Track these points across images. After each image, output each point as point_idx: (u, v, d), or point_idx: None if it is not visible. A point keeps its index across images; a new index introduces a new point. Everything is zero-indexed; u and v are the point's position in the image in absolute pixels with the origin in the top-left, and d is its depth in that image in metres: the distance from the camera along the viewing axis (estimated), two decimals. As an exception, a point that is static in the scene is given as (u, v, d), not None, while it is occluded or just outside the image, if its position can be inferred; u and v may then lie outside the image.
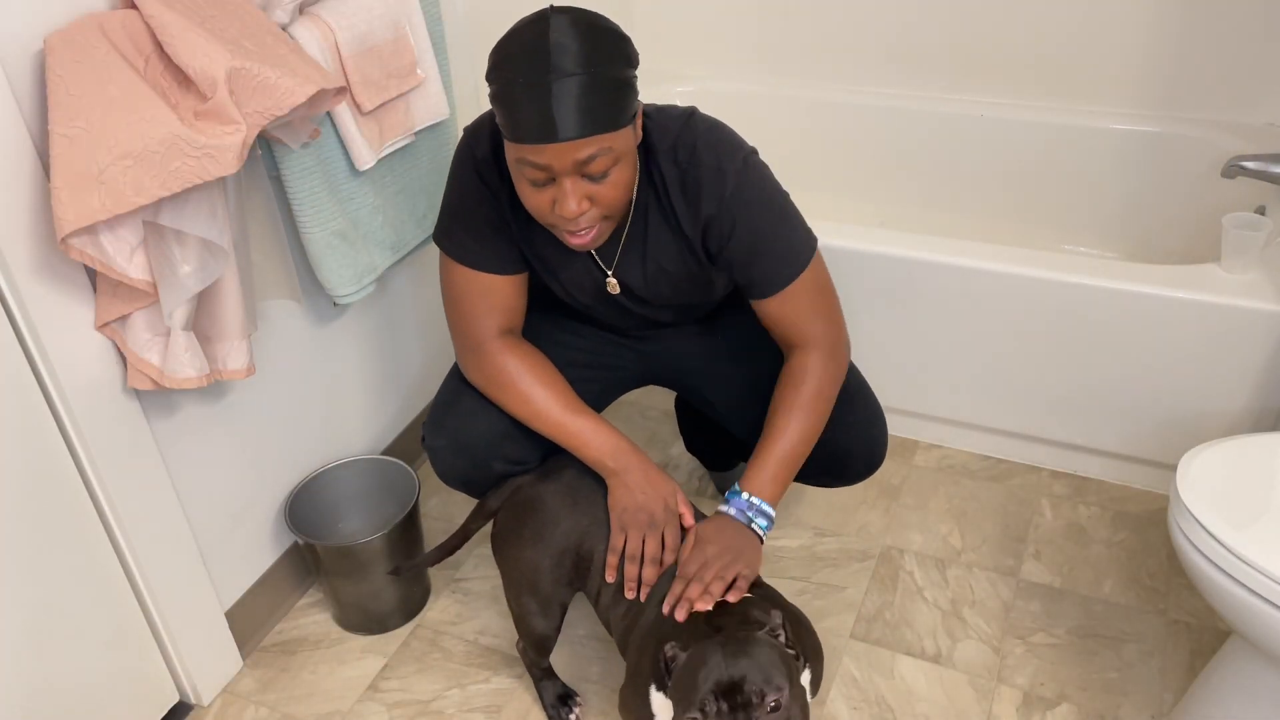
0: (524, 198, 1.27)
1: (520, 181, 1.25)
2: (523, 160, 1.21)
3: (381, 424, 2.01)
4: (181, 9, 1.20)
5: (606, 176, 1.23)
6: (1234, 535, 1.23)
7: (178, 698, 1.66)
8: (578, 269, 1.45)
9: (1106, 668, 1.66)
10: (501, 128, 1.22)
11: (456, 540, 1.57)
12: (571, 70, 1.15)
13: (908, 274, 1.93)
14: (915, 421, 2.14)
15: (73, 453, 1.38)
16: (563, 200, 1.22)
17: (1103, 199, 2.36)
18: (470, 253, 1.41)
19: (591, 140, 1.18)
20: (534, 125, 1.17)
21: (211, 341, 1.39)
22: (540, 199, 1.24)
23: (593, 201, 1.24)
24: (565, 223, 1.25)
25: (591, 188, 1.23)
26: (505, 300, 1.43)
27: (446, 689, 1.69)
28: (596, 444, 1.40)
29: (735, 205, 1.34)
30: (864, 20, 2.43)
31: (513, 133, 1.20)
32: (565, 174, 1.20)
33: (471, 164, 1.39)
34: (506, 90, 1.19)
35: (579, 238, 1.28)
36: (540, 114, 1.16)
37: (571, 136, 1.17)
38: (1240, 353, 1.75)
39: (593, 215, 1.25)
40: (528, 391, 1.42)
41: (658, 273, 1.43)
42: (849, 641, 1.73)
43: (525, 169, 1.22)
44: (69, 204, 1.15)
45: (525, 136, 1.18)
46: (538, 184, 1.23)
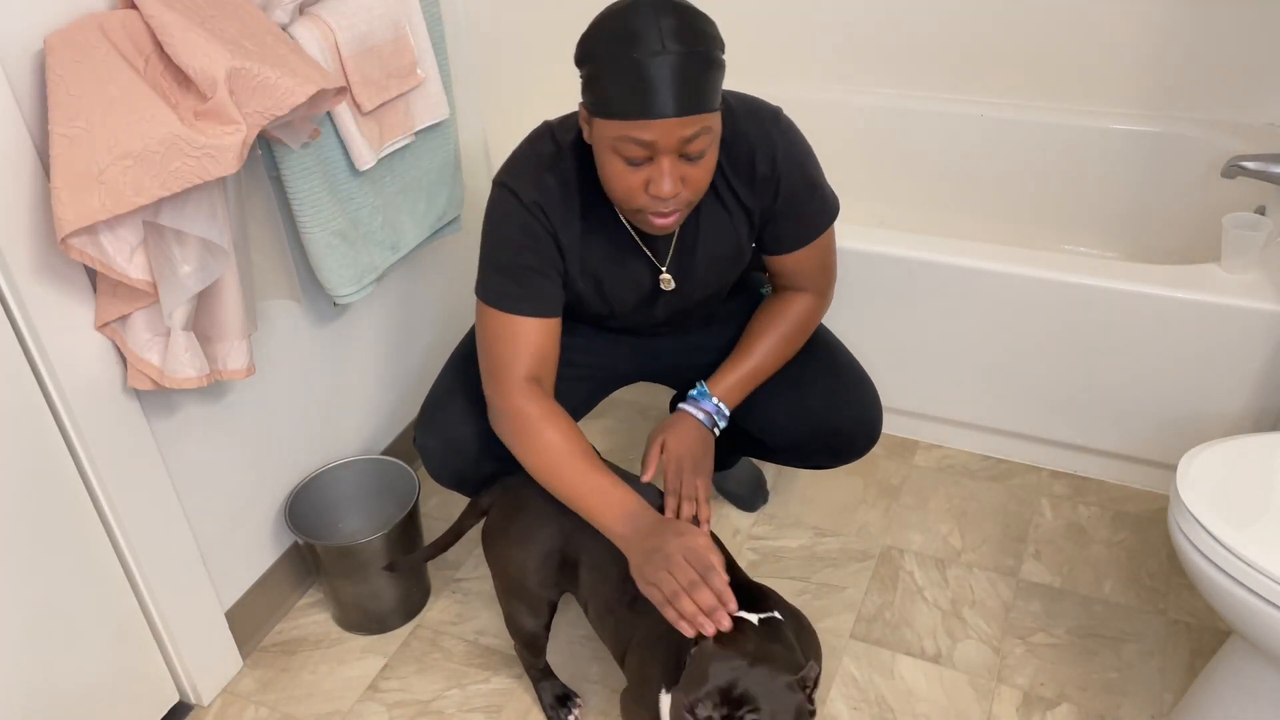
0: (615, 179, 1.27)
1: (613, 163, 1.26)
2: (625, 138, 1.22)
3: (381, 424, 2.01)
4: (181, 9, 1.20)
5: (702, 157, 1.26)
6: (1234, 535, 1.22)
7: (178, 698, 1.66)
8: (630, 273, 1.46)
9: (1106, 668, 1.66)
10: (603, 106, 1.22)
11: (450, 537, 1.58)
12: (684, 49, 1.18)
13: (908, 274, 1.93)
14: (915, 421, 2.14)
15: (73, 453, 1.38)
16: (659, 180, 1.24)
17: (1103, 199, 2.36)
18: (508, 298, 1.39)
19: (697, 119, 1.21)
20: (647, 99, 1.19)
21: (211, 341, 1.39)
22: (634, 179, 1.25)
23: (684, 183, 1.26)
24: (656, 203, 1.27)
25: (686, 168, 1.25)
26: (539, 346, 1.41)
27: (446, 689, 1.69)
28: (607, 507, 1.30)
29: (784, 164, 1.41)
30: (863, 20, 2.43)
31: (622, 108, 1.20)
32: (666, 152, 1.22)
33: (515, 209, 1.38)
34: (617, 66, 1.19)
35: (665, 219, 1.30)
36: (654, 89, 1.18)
37: (683, 112, 1.19)
38: (1240, 353, 1.75)
39: (682, 198, 1.28)
40: (545, 442, 1.35)
41: (706, 259, 1.48)
42: (849, 641, 1.73)
43: (626, 146, 1.23)
44: (69, 204, 1.15)
45: (636, 111, 1.19)
46: (635, 163, 1.24)
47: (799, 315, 1.55)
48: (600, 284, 1.47)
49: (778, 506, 2.00)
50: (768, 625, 1.21)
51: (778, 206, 1.45)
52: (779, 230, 1.49)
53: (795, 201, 1.46)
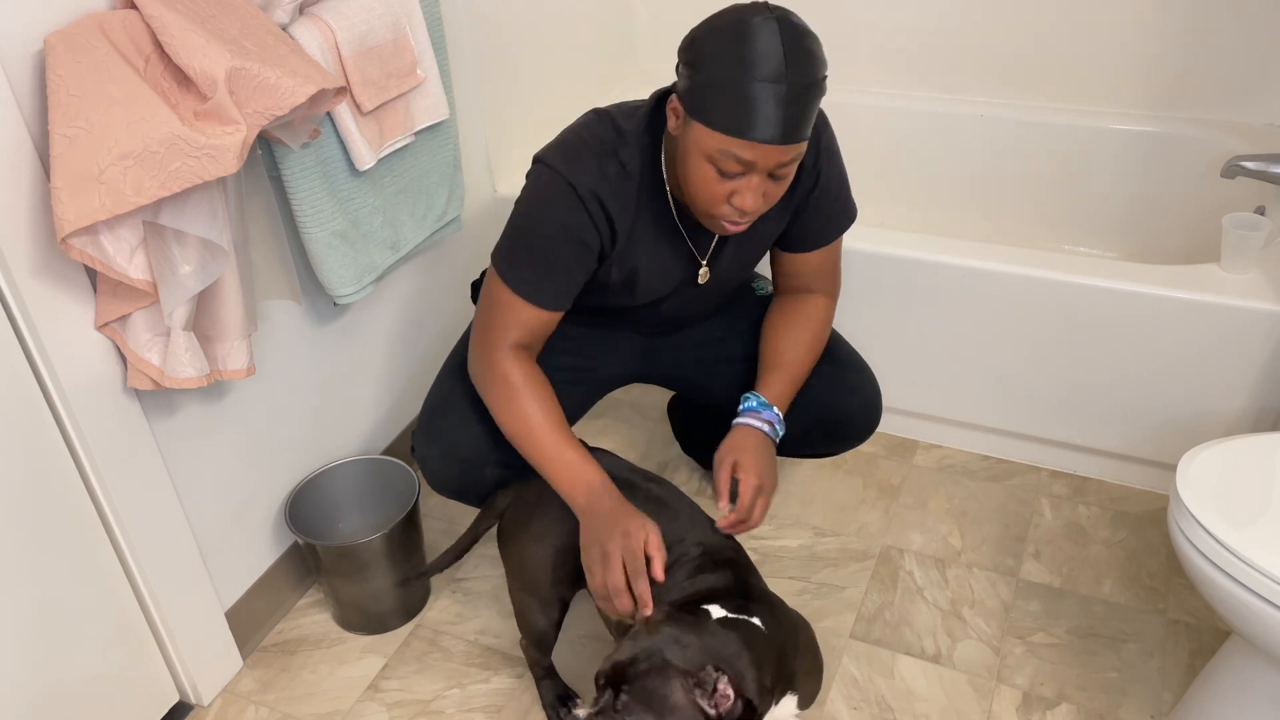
0: (700, 184, 1.28)
1: (701, 169, 1.27)
2: (725, 152, 1.23)
3: (381, 424, 2.01)
4: (181, 9, 1.20)
5: (787, 178, 1.29)
6: (1234, 535, 1.23)
7: (178, 698, 1.66)
8: (670, 264, 1.47)
9: (1106, 668, 1.66)
10: (707, 114, 1.23)
11: (465, 543, 1.57)
12: (801, 80, 1.20)
13: (908, 274, 1.93)
14: (915, 421, 2.14)
15: (73, 453, 1.38)
16: (745, 194, 1.26)
17: (1103, 199, 2.36)
18: (527, 284, 1.40)
19: (796, 146, 1.24)
20: (758, 123, 1.20)
21: (212, 341, 1.39)
22: (720, 189, 1.28)
23: (765, 198, 1.29)
24: (736, 214, 1.29)
25: (770, 185, 1.28)
26: (538, 328, 1.44)
27: (446, 689, 1.69)
28: (574, 476, 1.35)
29: (825, 157, 1.45)
30: (863, 20, 2.43)
31: (729, 124, 1.21)
32: (761, 172, 1.25)
33: (565, 200, 1.36)
34: (732, 82, 1.20)
35: (738, 227, 1.33)
36: (766, 115, 1.20)
37: (788, 141, 1.22)
38: (1240, 353, 1.75)
39: (760, 211, 1.30)
40: (523, 407, 1.39)
41: (738, 253, 1.50)
42: (849, 641, 1.73)
43: (724, 160, 1.24)
44: (69, 204, 1.15)
45: (744, 131, 1.20)
46: (727, 175, 1.26)
47: (822, 317, 1.56)
48: (635, 274, 1.46)
49: (778, 506, 2.00)
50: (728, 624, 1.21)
51: (812, 200, 1.46)
52: (806, 226, 1.50)
53: (828, 198, 1.48)
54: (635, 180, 1.38)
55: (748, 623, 1.22)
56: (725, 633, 1.18)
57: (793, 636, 1.28)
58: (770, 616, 1.26)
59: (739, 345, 1.62)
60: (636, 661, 1.12)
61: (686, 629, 1.17)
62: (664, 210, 1.42)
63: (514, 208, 1.43)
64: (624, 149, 1.37)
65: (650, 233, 1.43)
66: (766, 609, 1.27)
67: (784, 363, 1.51)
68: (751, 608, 1.25)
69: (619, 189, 1.37)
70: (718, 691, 1.12)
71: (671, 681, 1.11)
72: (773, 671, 1.20)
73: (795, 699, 1.26)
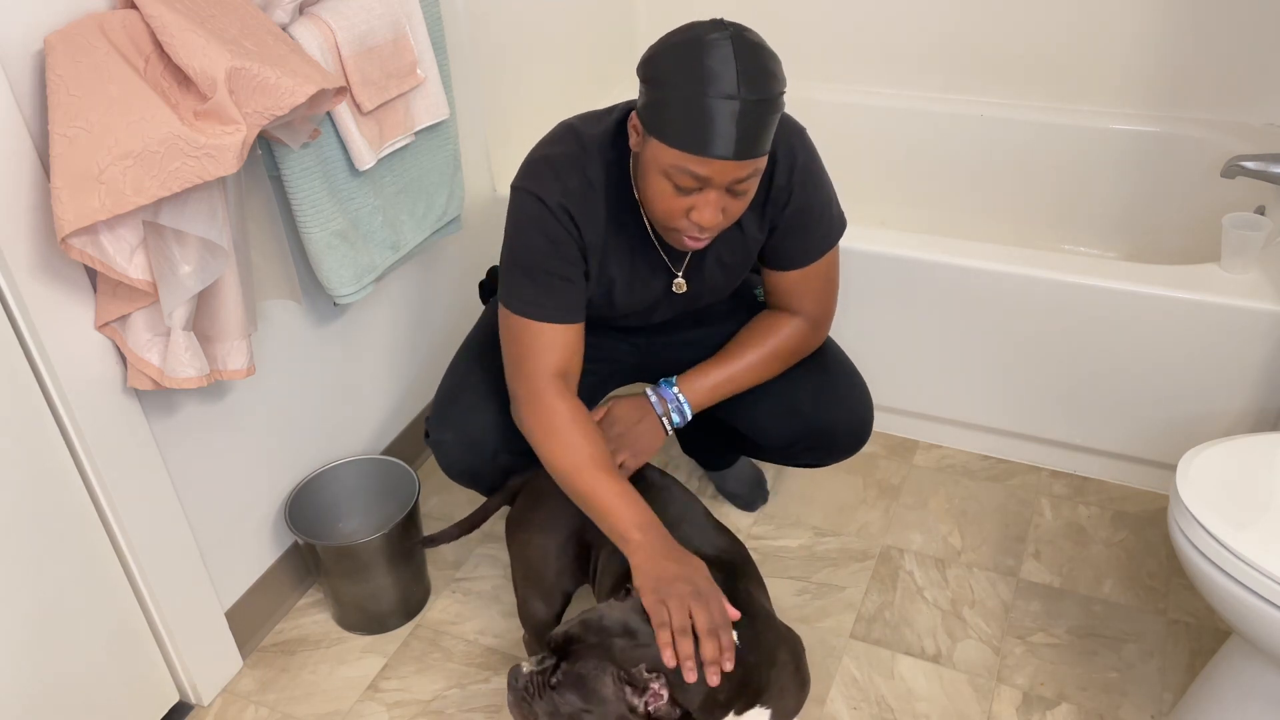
0: (658, 200, 1.29)
1: (659, 184, 1.27)
2: (680, 168, 1.23)
3: (381, 424, 2.01)
4: (181, 9, 1.20)
5: (746, 194, 1.28)
6: (1234, 535, 1.23)
7: (178, 698, 1.66)
8: (645, 277, 1.47)
9: (1106, 668, 1.66)
10: (662, 131, 1.23)
11: (479, 516, 1.58)
12: (756, 97, 1.20)
13: (908, 274, 1.93)
14: (915, 421, 2.14)
15: (73, 453, 1.38)
16: (703, 210, 1.26)
17: (1103, 199, 2.36)
18: (536, 305, 1.39)
19: (754, 162, 1.24)
20: (712, 140, 1.20)
21: (211, 341, 1.39)
22: (678, 204, 1.28)
23: (724, 213, 1.29)
24: (695, 229, 1.29)
25: (729, 201, 1.28)
26: (565, 348, 1.41)
27: (446, 689, 1.69)
28: (627, 513, 1.29)
29: (800, 178, 1.43)
30: (863, 20, 2.43)
31: (683, 141, 1.21)
32: (717, 188, 1.25)
33: (539, 214, 1.37)
34: (686, 100, 1.20)
35: (698, 243, 1.32)
36: (720, 131, 1.20)
37: (743, 157, 1.22)
38: (1240, 353, 1.75)
39: (720, 227, 1.30)
40: (573, 443, 1.35)
41: (717, 266, 1.49)
42: (849, 641, 1.73)
43: (679, 176, 1.24)
44: (69, 204, 1.15)
45: (698, 148, 1.21)
46: (683, 191, 1.26)
47: (788, 337, 1.54)
48: (612, 286, 1.47)
49: (778, 506, 2.00)
50: None
51: (787, 219, 1.45)
52: (784, 246, 1.49)
53: (805, 217, 1.46)
54: (600, 193, 1.38)
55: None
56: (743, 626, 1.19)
57: (770, 651, 1.25)
58: (748, 627, 1.23)
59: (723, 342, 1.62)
60: (585, 639, 1.14)
61: (643, 621, 1.17)
62: (636, 223, 1.42)
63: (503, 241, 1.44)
64: (587, 163, 1.38)
65: (623, 246, 1.43)
66: (745, 619, 1.23)
67: (725, 360, 1.52)
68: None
69: (584, 202, 1.38)
70: (649, 691, 1.11)
71: (605, 673, 1.12)
72: (732, 688, 1.16)
73: (768, 713, 1.24)
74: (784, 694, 1.27)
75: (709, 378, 1.53)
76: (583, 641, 1.14)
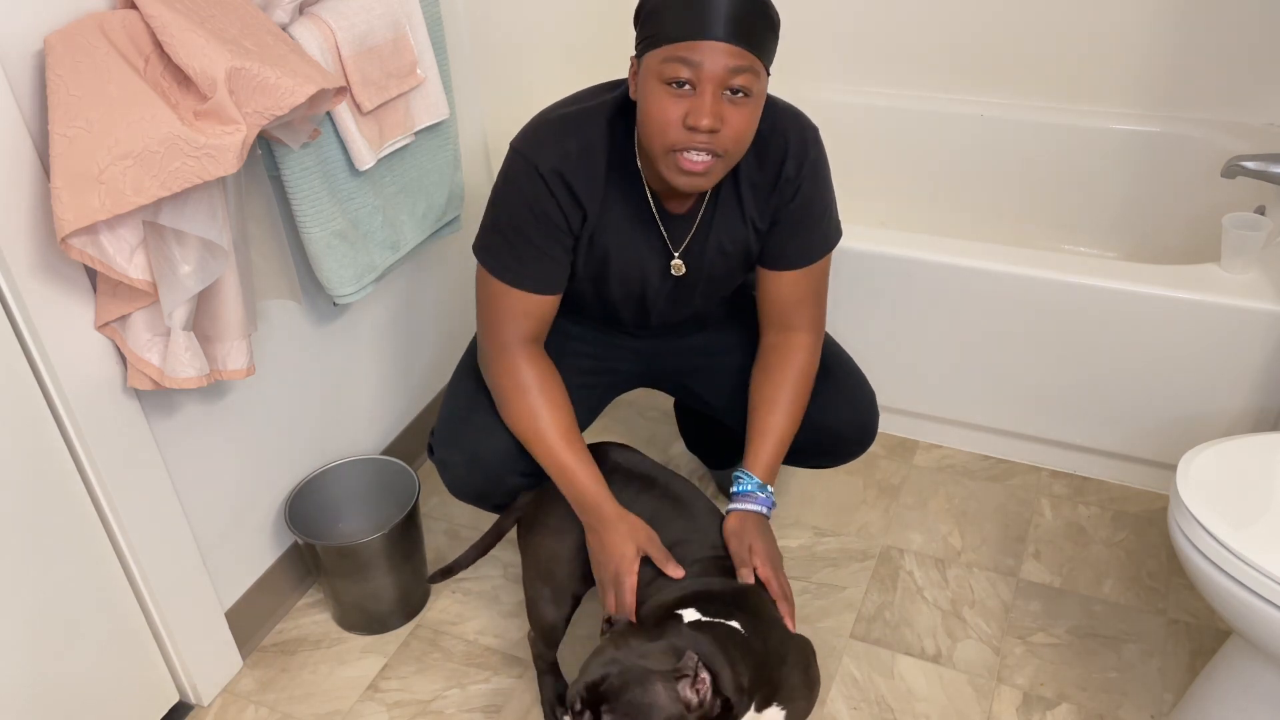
0: (655, 111, 1.27)
1: (656, 94, 1.26)
2: (674, 58, 1.23)
3: (381, 424, 2.01)
4: (181, 9, 1.20)
5: (744, 99, 1.26)
6: (1234, 535, 1.22)
7: (178, 698, 1.66)
8: (644, 252, 1.46)
9: (1106, 668, 1.66)
10: (656, 36, 1.25)
11: (488, 541, 1.58)
12: None
13: (908, 274, 1.93)
14: (915, 421, 2.14)
15: (73, 453, 1.38)
16: (699, 111, 1.24)
17: (1103, 199, 2.36)
18: (510, 271, 1.41)
19: (745, 53, 1.24)
20: (701, 19, 1.22)
21: (211, 341, 1.39)
22: (674, 110, 1.26)
23: (723, 124, 1.26)
24: (693, 138, 1.26)
25: (727, 109, 1.26)
26: (537, 314, 1.44)
27: (446, 689, 1.69)
28: (579, 485, 1.40)
29: (809, 173, 1.43)
30: (863, 20, 2.43)
31: (675, 30, 1.23)
32: (711, 80, 1.24)
33: (528, 181, 1.37)
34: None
35: (693, 164, 1.28)
36: (710, 10, 1.21)
37: (733, 39, 1.22)
38: (1240, 353, 1.75)
39: (718, 141, 1.27)
40: (534, 407, 1.42)
41: (718, 253, 1.48)
42: (849, 641, 1.73)
43: (673, 67, 1.24)
44: (69, 204, 1.15)
45: (689, 31, 1.22)
46: (679, 85, 1.25)
47: (802, 367, 1.51)
48: (606, 260, 1.45)
49: (778, 506, 2.00)
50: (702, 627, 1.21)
51: (789, 214, 1.45)
52: (783, 243, 1.48)
53: (807, 216, 1.46)
54: (602, 158, 1.38)
55: (723, 625, 1.22)
56: (695, 635, 1.18)
57: (780, 648, 1.26)
58: (755, 623, 1.25)
59: (739, 356, 1.60)
60: (608, 679, 1.12)
61: (649, 637, 1.17)
62: (638, 195, 1.41)
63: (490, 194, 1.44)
64: (588, 126, 1.38)
65: (622, 216, 1.42)
66: (751, 617, 1.25)
67: (770, 429, 1.48)
68: (734, 614, 1.24)
69: (583, 166, 1.37)
70: (699, 678, 1.12)
71: (651, 684, 1.11)
72: (750, 673, 1.18)
73: (783, 713, 1.25)
74: (796, 694, 1.27)
75: (768, 451, 1.49)
76: (609, 677, 1.12)
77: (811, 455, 1.63)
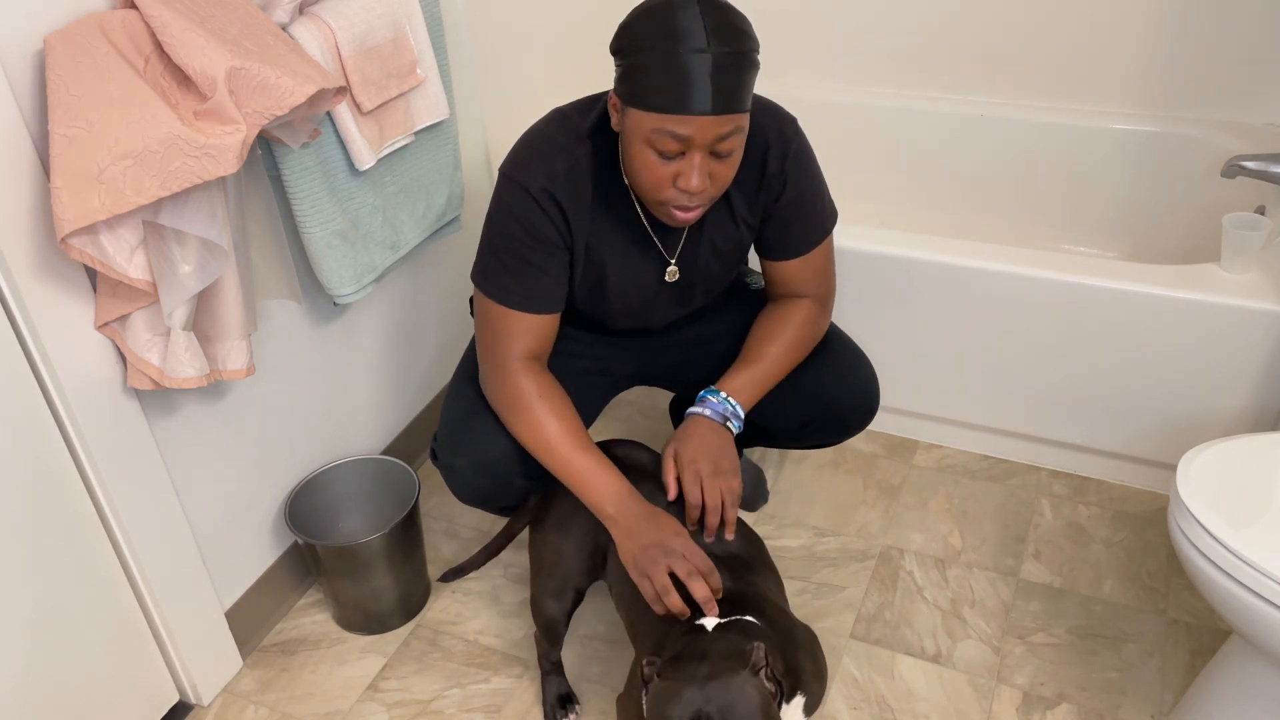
0: (644, 171, 1.28)
1: (644, 154, 1.27)
2: (661, 131, 1.23)
3: (382, 424, 2.01)
4: (181, 9, 1.20)
5: (730, 155, 1.28)
6: (1234, 535, 1.23)
7: (178, 698, 1.66)
8: (639, 263, 1.47)
9: (1106, 668, 1.66)
10: (640, 98, 1.24)
11: (502, 540, 1.58)
12: (727, 49, 1.21)
13: (908, 274, 1.93)
14: (915, 421, 2.14)
15: (73, 453, 1.38)
16: (689, 174, 1.26)
17: (1103, 199, 2.36)
18: (509, 293, 1.41)
19: (732, 118, 1.24)
20: (688, 96, 1.21)
21: (211, 341, 1.39)
22: (664, 172, 1.27)
23: (711, 179, 1.28)
24: (684, 197, 1.28)
25: (715, 165, 1.28)
26: (537, 333, 1.44)
27: (446, 689, 1.69)
28: (599, 486, 1.36)
29: (793, 166, 1.44)
30: (863, 20, 2.43)
31: (661, 102, 1.22)
32: (700, 148, 1.24)
33: (520, 202, 1.38)
34: (660, 60, 1.21)
35: (689, 214, 1.31)
36: (695, 86, 1.20)
37: (721, 111, 1.22)
38: (1240, 353, 1.75)
39: (708, 194, 1.29)
40: (540, 419, 1.40)
41: (711, 254, 1.49)
42: (849, 641, 1.73)
43: (661, 140, 1.24)
44: (69, 204, 1.15)
45: (676, 106, 1.21)
46: (667, 156, 1.26)
47: (804, 321, 1.54)
48: (603, 274, 1.46)
49: (778, 506, 2.00)
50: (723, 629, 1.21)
51: (780, 208, 1.46)
52: (779, 235, 1.49)
53: (799, 207, 1.47)
54: (589, 176, 1.39)
55: (739, 621, 1.23)
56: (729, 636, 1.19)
57: (790, 635, 1.28)
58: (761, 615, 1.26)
59: (733, 342, 1.62)
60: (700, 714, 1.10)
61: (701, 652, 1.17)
62: (627, 208, 1.42)
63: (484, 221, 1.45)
64: (575, 146, 1.38)
65: (614, 231, 1.43)
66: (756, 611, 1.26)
67: (754, 358, 1.50)
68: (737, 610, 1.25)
69: (570, 186, 1.38)
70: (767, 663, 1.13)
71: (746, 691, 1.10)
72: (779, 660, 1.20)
73: (803, 700, 1.26)
74: (812, 680, 1.28)
75: (745, 374, 1.49)
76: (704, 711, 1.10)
77: (815, 431, 1.63)
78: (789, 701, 1.22)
